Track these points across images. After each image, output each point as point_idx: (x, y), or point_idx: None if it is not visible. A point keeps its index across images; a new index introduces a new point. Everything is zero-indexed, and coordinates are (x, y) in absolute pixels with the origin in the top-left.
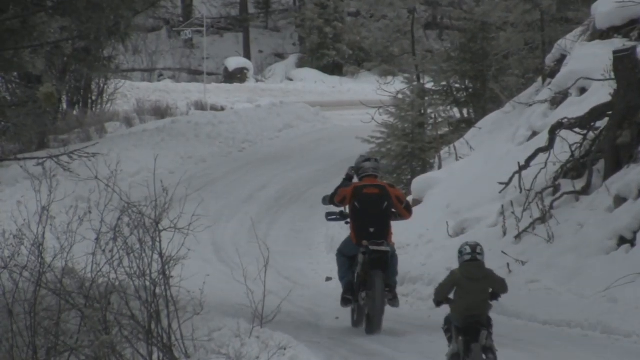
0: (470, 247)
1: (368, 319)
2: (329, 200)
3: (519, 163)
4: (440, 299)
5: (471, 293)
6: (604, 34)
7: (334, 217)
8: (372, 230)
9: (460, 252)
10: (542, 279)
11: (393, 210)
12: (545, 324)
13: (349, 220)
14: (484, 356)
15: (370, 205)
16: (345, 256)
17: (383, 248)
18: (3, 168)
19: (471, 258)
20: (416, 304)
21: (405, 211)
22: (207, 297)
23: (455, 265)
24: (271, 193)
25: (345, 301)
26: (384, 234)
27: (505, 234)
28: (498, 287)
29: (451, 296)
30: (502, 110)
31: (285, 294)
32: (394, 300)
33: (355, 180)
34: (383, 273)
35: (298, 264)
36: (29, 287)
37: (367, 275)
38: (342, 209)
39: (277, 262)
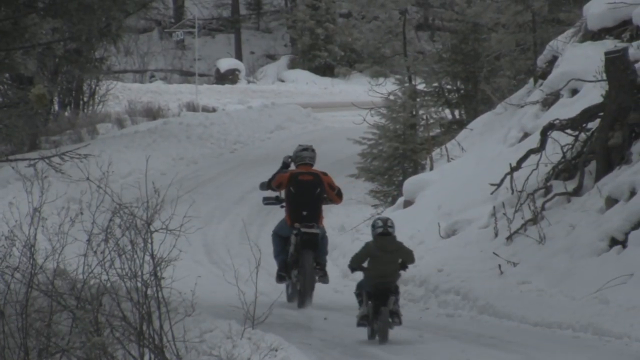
0: (382, 222)
1: (300, 294)
2: (267, 185)
3: (510, 164)
4: (354, 266)
5: (383, 263)
6: (596, 35)
7: (270, 201)
8: (305, 213)
9: (373, 226)
10: (533, 281)
11: (325, 195)
12: (536, 326)
13: (284, 204)
14: (390, 319)
15: (304, 190)
16: (280, 237)
17: (313, 230)
18: None
19: (383, 231)
20: (408, 305)
21: (337, 197)
22: (198, 298)
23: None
24: (263, 194)
25: (279, 278)
26: (316, 217)
27: (496, 235)
28: (406, 257)
29: (365, 264)
30: (494, 111)
31: (277, 296)
32: (323, 277)
33: (293, 167)
34: (313, 252)
35: None
36: (20, 289)
37: (299, 254)
38: (277, 194)
39: (269, 263)
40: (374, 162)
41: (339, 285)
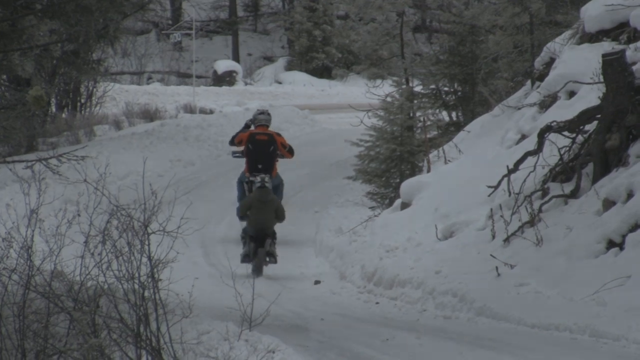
0: (261, 178)
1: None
2: (230, 141)
3: (507, 166)
4: (241, 214)
5: (261, 212)
6: (593, 37)
7: (237, 155)
8: (260, 166)
9: (254, 183)
10: (530, 283)
11: (278, 152)
12: (533, 328)
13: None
14: (267, 258)
15: (260, 147)
16: (242, 182)
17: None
18: None
19: (260, 185)
20: (405, 307)
21: (288, 153)
22: (195, 300)
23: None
24: None
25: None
26: (269, 169)
27: (494, 237)
28: (278, 210)
29: (248, 213)
30: (491, 113)
31: (274, 297)
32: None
33: (252, 128)
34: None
35: (286, 267)
36: (17, 290)
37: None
38: (242, 148)
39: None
40: (371, 164)
41: (336, 287)
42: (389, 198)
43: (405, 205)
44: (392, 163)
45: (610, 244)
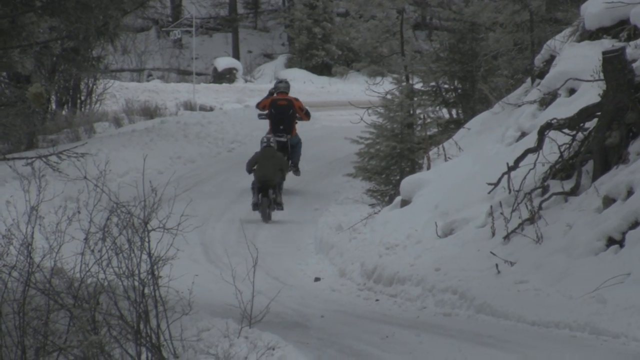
0: (267, 139)
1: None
2: (256, 105)
3: (507, 164)
4: (249, 169)
5: (264, 167)
6: (593, 35)
7: (262, 116)
8: (281, 127)
9: (262, 142)
10: (530, 280)
11: (297, 115)
12: (533, 325)
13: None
14: (274, 206)
15: (280, 111)
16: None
17: (283, 139)
18: None
19: (266, 145)
20: (405, 304)
21: (305, 115)
22: (195, 297)
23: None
24: None
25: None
26: (289, 129)
27: (493, 234)
28: (282, 164)
29: (255, 168)
30: (491, 110)
31: (274, 295)
32: (296, 171)
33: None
34: (285, 154)
35: (286, 264)
36: (17, 287)
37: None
38: (266, 112)
39: (266, 262)
40: (371, 162)
41: (336, 284)
42: (389, 195)
43: (405, 203)
44: (392, 160)
45: (610, 242)
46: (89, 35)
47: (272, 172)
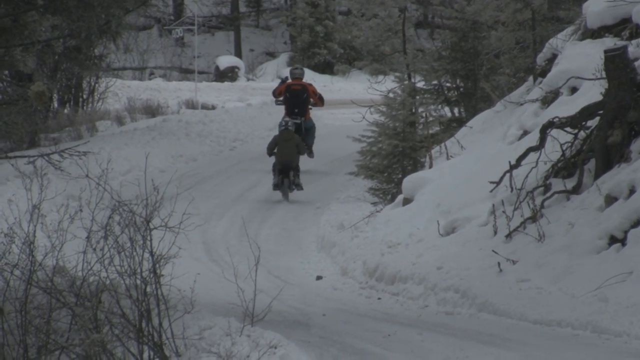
0: (285, 122)
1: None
2: (272, 92)
3: (509, 162)
4: (269, 152)
5: (285, 148)
6: (595, 33)
7: (279, 102)
8: (296, 110)
9: (280, 125)
10: (532, 278)
11: (311, 99)
12: (535, 323)
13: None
14: (294, 187)
15: (295, 96)
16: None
17: (297, 121)
18: None
19: (284, 129)
20: (407, 303)
21: (319, 100)
22: (197, 295)
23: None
24: (262, 192)
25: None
26: (303, 113)
27: (495, 233)
28: (299, 146)
29: (275, 150)
30: (493, 109)
31: (276, 293)
32: (310, 153)
33: (289, 80)
34: (299, 135)
35: (288, 262)
36: (19, 286)
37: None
38: (282, 98)
39: (268, 261)
40: (373, 160)
41: (338, 283)
42: (391, 194)
43: (407, 201)
44: (394, 159)
45: (612, 240)
46: (91, 34)
47: (292, 154)
